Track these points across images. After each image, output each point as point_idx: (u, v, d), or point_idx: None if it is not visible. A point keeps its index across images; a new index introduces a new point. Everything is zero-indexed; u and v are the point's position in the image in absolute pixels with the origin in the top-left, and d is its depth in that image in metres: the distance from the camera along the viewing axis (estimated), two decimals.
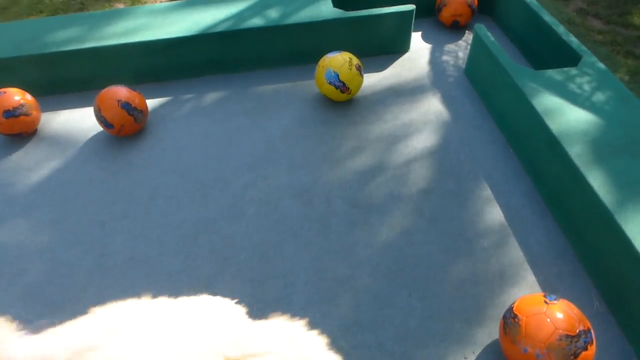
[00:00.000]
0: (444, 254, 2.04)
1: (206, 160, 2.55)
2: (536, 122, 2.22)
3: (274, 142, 2.63)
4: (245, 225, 2.21)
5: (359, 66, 2.69)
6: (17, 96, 2.66)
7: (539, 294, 1.68)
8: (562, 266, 1.99)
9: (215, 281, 2.00)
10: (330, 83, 2.65)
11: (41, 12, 4.81)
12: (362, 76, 2.71)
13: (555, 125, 2.13)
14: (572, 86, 2.35)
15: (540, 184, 2.26)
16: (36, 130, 2.84)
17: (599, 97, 2.27)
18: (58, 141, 2.77)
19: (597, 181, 1.87)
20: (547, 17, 2.82)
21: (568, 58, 2.61)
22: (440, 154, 2.49)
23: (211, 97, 3.00)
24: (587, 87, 2.33)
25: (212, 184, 2.42)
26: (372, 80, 3.00)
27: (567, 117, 2.17)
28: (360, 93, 2.88)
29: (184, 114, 2.88)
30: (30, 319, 1.92)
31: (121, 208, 2.35)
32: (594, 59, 2.50)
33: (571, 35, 2.68)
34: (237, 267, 2.05)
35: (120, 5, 4.82)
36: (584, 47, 2.57)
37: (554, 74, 2.43)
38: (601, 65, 2.46)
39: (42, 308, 1.97)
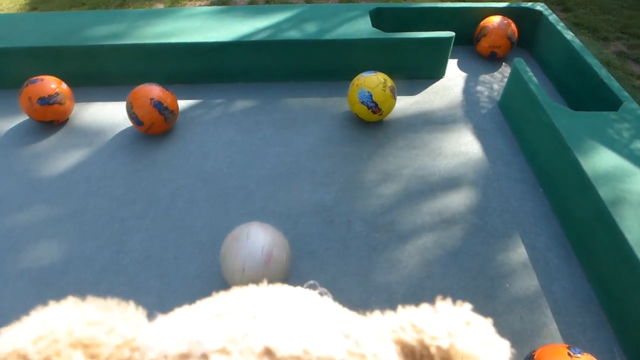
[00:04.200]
0: (463, 290, 1.98)
1: (230, 168, 2.55)
2: (570, 164, 2.16)
3: (300, 157, 2.61)
4: None
5: (393, 88, 2.67)
6: (54, 84, 2.70)
7: (561, 344, 1.61)
8: (585, 317, 1.91)
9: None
10: (362, 103, 2.63)
11: (83, 4, 4.93)
12: (395, 99, 2.69)
13: (590, 169, 2.07)
14: (611, 131, 2.29)
15: (569, 229, 2.19)
16: (68, 119, 2.88)
17: (639, 145, 2.20)
18: (87, 133, 2.80)
19: (631, 233, 1.80)
20: (589, 58, 2.77)
21: (607, 102, 2.55)
22: (467, 187, 2.44)
23: (241, 104, 3.01)
24: (626, 134, 2.27)
25: (234, 192, 2.41)
26: (404, 104, 2.97)
27: (604, 162, 2.11)
28: (390, 115, 2.86)
29: (212, 119, 2.89)
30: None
31: (141, 207, 2.35)
32: (635, 105, 2.43)
33: (613, 78, 2.62)
34: None
35: (160, 6, 4.90)
36: (625, 93, 2.51)
37: (593, 116, 2.37)
38: None
39: (55, 297, 1.96)
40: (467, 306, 0.42)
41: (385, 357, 0.36)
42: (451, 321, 0.40)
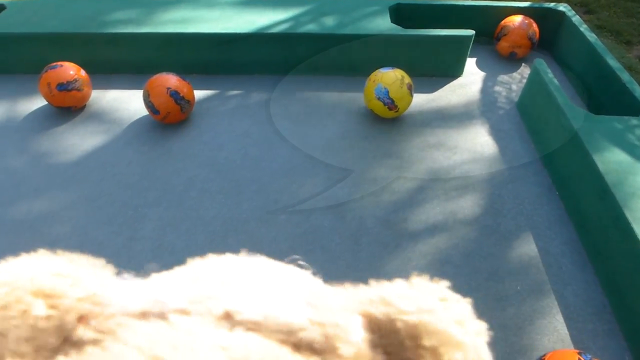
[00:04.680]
0: (474, 291, 1.96)
1: (244, 160, 2.55)
2: (588, 169, 2.13)
3: (314, 151, 2.61)
4: (275, 230, 2.19)
5: (410, 85, 2.65)
6: (72, 71, 2.73)
7: (572, 350, 1.60)
8: (597, 324, 1.88)
9: None
10: (379, 99, 2.61)
11: None
12: (412, 96, 2.67)
13: (608, 174, 2.04)
14: (631, 137, 2.25)
15: (584, 234, 2.16)
16: (85, 105, 2.91)
17: None
18: (104, 120, 2.82)
19: None
20: (612, 62, 2.72)
21: (628, 107, 2.50)
22: (482, 188, 2.41)
23: (257, 96, 3.01)
24: None
25: (247, 184, 2.41)
26: (420, 101, 2.95)
27: (623, 167, 2.07)
28: (406, 112, 2.83)
29: (228, 110, 2.90)
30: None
31: (155, 195, 2.36)
32: None
33: (635, 83, 2.57)
34: None
35: None
36: None
37: (613, 121, 2.33)
38: None
39: None
40: (445, 283, 0.41)
41: (348, 328, 0.35)
42: (424, 297, 0.39)
